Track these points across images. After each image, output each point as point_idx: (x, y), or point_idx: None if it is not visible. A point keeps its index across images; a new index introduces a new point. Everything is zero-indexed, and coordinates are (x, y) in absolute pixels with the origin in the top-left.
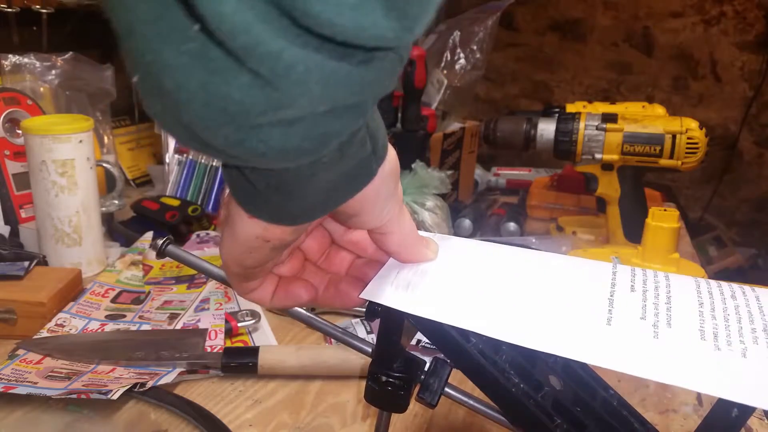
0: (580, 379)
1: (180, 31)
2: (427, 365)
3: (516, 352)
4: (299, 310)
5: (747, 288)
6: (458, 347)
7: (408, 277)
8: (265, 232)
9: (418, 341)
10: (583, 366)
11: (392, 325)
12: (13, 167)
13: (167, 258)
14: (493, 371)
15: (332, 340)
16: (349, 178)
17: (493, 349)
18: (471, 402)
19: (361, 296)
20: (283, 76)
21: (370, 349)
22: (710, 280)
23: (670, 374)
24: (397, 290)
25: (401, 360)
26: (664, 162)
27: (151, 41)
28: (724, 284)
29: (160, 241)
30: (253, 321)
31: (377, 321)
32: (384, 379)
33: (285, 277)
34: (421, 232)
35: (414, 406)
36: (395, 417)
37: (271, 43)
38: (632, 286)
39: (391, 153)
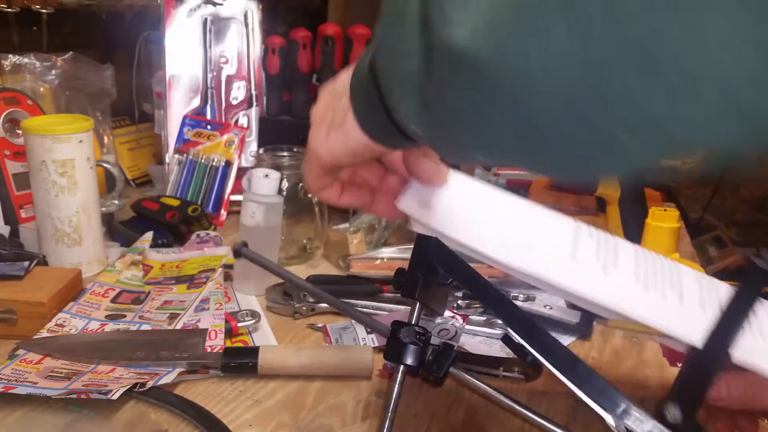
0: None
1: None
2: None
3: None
4: (318, 290)
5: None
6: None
7: (428, 196)
8: (374, 145)
9: None
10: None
11: (422, 246)
12: (13, 167)
13: (243, 259)
14: (490, 287)
15: (332, 340)
16: None
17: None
18: (475, 382)
19: (396, 204)
20: None
21: (386, 330)
22: (645, 249)
23: (613, 302)
24: (422, 210)
25: (418, 323)
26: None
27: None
28: (654, 253)
29: (236, 246)
30: (253, 321)
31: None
32: (404, 330)
33: (344, 183)
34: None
35: (415, 405)
36: (397, 418)
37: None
38: (590, 233)
39: None
